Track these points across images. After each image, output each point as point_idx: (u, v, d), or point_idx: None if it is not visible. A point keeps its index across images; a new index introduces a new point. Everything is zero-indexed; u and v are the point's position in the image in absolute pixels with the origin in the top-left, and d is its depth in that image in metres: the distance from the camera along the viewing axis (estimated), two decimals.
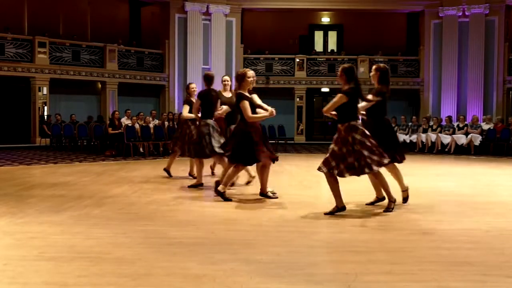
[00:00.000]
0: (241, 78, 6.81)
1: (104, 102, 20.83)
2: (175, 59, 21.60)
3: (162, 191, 7.76)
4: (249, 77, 6.92)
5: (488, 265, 4.01)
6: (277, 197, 6.96)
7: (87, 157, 13.69)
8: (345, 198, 6.03)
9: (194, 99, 8.67)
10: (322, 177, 9.42)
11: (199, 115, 8.25)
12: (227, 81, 8.72)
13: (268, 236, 4.92)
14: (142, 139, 15.11)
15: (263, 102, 7.09)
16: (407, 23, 24.63)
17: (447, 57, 21.59)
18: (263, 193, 6.98)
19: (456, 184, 9.03)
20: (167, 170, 9.43)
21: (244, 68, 7.10)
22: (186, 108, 8.65)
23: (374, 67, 6.68)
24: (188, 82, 10.17)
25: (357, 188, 7.28)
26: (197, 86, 9.53)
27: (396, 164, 6.58)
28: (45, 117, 18.80)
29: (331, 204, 6.45)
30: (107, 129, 15.52)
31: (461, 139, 16.74)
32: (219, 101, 8.25)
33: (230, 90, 8.57)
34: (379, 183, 6.25)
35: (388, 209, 6.14)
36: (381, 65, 6.72)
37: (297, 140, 22.22)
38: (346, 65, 6.16)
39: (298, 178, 9.54)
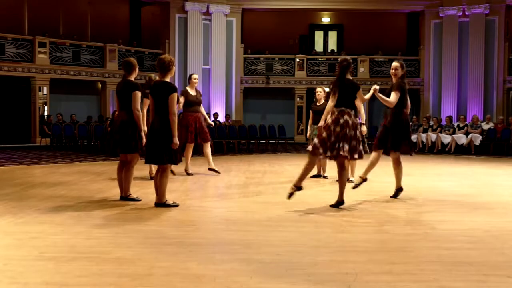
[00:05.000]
0: None
1: (104, 102, 20.84)
2: (175, 59, 21.53)
3: None
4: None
5: (488, 265, 4.01)
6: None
7: (87, 157, 13.68)
8: (347, 198, 6.01)
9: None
10: (322, 177, 9.45)
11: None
12: (196, 79, 9.69)
13: (268, 236, 4.92)
14: None
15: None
16: (407, 23, 24.65)
17: (447, 57, 21.59)
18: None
19: (456, 184, 9.03)
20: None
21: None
22: None
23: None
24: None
25: (359, 188, 7.27)
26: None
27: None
28: (45, 117, 18.81)
29: (329, 203, 6.45)
30: (107, 129, 15.52)
31: (462, 139, 16.74)
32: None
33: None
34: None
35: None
36: (400, 62, 7.09)
37: (297, 140, 22.22)
38: (343, 57, 6.55)
39: None
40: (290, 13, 23.55)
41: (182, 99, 9.44)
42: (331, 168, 9.41)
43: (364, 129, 8.28)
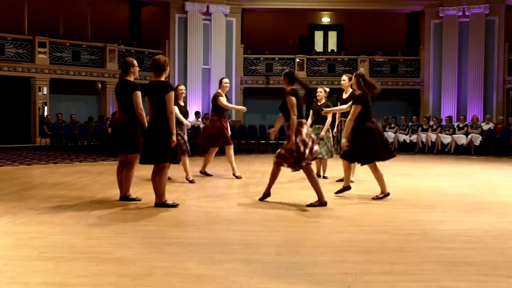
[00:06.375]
0: None
1: (104, 102, 20.84)
2: (175, 59, 21.59)
3: None
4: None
5: (488, 265, 4.01)
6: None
7: (87, 157, 13.68)
8: (348, 198, 6.00)
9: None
10: (322, 177, 9.45)
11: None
12: (227, 83, 9.66)
13: (268, 236, 4.92)
14: None
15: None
16: (407, 23, 24.63)
17: (447, 57, 21.59)
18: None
19: (456, 184, 9.04)
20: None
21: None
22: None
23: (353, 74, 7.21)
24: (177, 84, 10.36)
25: (358, 188, 7.28)
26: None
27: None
28: (45, 117, 18.81)
29: (332, 203, 6.46)
30: (107, 129, 15.52)
31: (461, 139, 16.74)
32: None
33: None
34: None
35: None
36: (359, 71, 7.18)
37: None
38: (287, 70, 6.76)
39: (298, 178, 9.53)
40: (290, 13, 23.53)
41: (223, 100, 9.28)
42: (331, 168, 9.43)
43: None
